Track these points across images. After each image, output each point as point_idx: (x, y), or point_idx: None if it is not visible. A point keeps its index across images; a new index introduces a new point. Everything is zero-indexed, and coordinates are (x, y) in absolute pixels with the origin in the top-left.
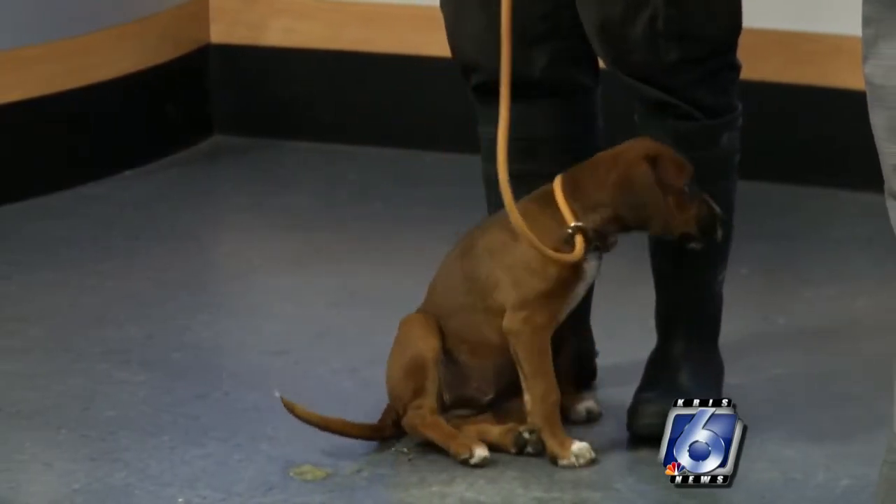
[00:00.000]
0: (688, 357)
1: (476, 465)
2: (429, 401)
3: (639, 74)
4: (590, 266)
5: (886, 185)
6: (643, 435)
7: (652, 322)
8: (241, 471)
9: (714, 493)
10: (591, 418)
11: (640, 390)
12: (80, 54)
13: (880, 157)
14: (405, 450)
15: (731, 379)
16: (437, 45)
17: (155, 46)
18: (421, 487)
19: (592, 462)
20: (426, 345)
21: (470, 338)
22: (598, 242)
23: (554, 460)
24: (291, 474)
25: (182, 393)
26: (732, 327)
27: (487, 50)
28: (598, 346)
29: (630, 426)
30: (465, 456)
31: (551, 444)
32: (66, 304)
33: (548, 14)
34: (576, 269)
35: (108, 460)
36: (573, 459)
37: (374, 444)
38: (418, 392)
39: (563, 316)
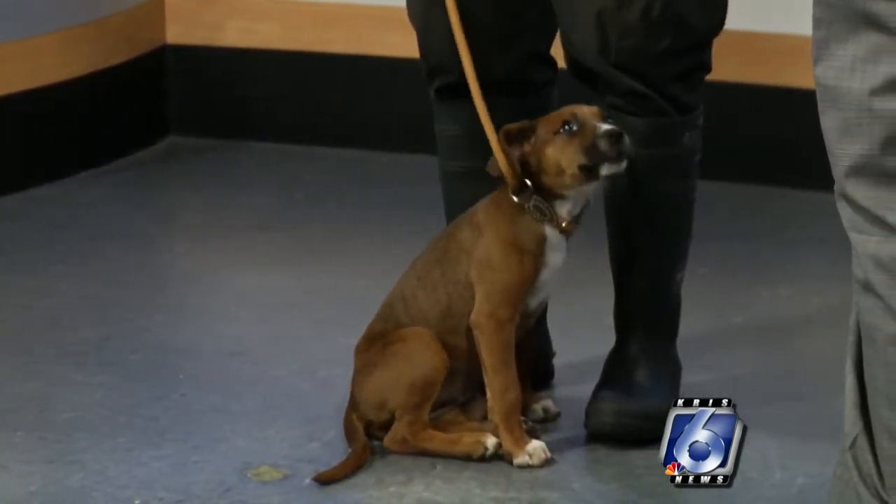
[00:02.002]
0: (645, 356)
1: (492, 457)
2: (424, 415)
3: (625, 63)
4: (553, 255)
5: (837, 186)
6: (601, 434)
7: (608, 321)
8: (199, 472)
9: (672, 493)
10: (549, 418)
11: (598, 389)
12: (36, 55)
13: (831, 158)
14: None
15: (688, 378)
16: (394, 45)
17: (111, 47)
18: (378, 488)
19: (547, 462)
20: (441, 362)
21: (458, 342)
22: (542, 207)
23: (509, 458)
24: (249, 475)
25: (139, 394)
26: (690, 326)
27: (456, 55)
28: (554, 346)
29: (588, 425)
30: (481, 452)
31: (507, 443)
32: (21, 306)
33: (513, 14)
34: (537, 259)
35: (65, 462)
36: (527, 458)
37: (331, 444)
38: (419, 406)
39: (533, 307)
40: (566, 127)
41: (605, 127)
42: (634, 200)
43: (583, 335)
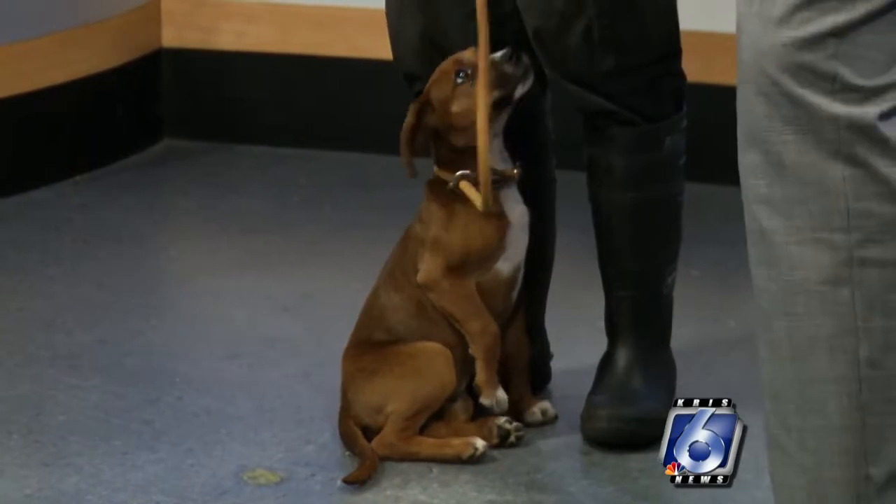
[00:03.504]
0: (639, 360)
1: (479, 459)
2: (416, 425)
3: (578, 81)
4: (513, 208)
5: None
6: (596, 439)
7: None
8: (194, 476)
9: (667, 496)
10: (547, 420)
11: (592, 394)
12: (31, 58)
13: None
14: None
15: (682, 380)
16: (387, 48)
17: (106, 50)
18: (375, 491)
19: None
20: (450, 384)
21: (439, 332)
22: (499, 174)
23: (479, 393)
24: (245, 478)
25: (134, 398)
26: (684, 329)
27: (426, 59)
28: (552, 349)
29: (583, 430)
30: (471, 452)
31: (482, 378)
32: (14, 310)
33: (494, 24)
34: (496, 220)
35: (60, 466)
36: (493, 402)
37: (327, 447)
38: (415, 417)
39: (507, 272)
40: (460, 76)
41: (500, 52)
42: (620, 205)
43: (581, 338)
